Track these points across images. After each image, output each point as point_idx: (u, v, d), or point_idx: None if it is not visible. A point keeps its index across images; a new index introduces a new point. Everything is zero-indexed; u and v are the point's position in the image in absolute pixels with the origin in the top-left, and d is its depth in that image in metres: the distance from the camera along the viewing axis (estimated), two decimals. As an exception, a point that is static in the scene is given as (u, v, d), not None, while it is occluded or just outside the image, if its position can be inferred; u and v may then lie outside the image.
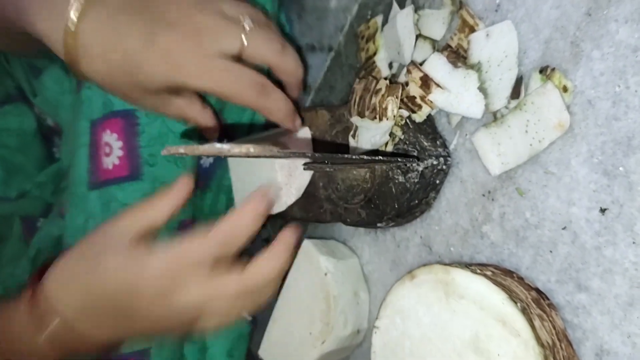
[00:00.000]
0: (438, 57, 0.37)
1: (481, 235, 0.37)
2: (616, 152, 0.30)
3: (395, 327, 0.36)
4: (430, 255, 0.40)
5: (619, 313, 0.30)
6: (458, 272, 0.33)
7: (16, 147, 0.54)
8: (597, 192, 0.30)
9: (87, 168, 0.45)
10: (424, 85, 0.37)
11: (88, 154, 0.45)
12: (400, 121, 0.38)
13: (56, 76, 0.51)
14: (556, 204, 0.32)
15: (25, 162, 0.54)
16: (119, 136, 0.44)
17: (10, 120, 0.54)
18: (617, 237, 0.30)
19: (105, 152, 0.44)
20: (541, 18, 0.33)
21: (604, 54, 0.30)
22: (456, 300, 0.33)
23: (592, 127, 0.31)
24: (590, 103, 0.31)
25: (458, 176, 0.38)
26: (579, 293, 0.31)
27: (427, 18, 0.40)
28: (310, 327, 0.44)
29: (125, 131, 0.44)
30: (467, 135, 0.37)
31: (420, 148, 0.37)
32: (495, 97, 0.35)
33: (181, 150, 0.27)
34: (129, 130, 0.44)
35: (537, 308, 0.31)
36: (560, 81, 0.32)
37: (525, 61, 0.34)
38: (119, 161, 0.44)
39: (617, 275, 0.30)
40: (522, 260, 0.34)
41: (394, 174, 0.38)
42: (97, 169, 0.45)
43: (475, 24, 0.36)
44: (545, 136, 0.32)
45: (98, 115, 0.45)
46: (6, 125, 0.54)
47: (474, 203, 0.37)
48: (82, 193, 0.45)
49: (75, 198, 0.46)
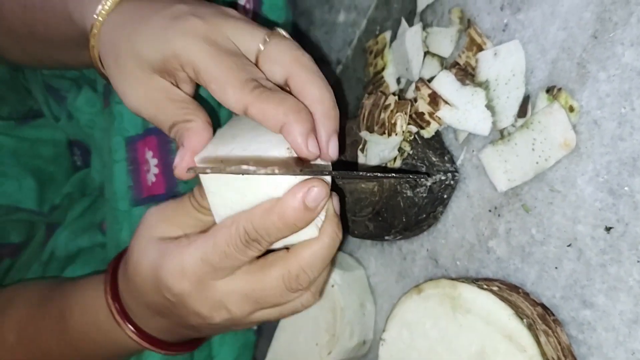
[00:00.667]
0: (446, 74, 0.38)
1: (487, 250, 0.37)
2: (621, 171, 0.30)
3: (402, 340, 0.36)
4: (436, 269, 0.41)
5: (624, 330, 0.30)
6: (465, 287, 0.33)
7: (50, 157, 0.55)
8: (603, 210, 0.31)
9: (128, 184, 0.46)
10: (432, 102, 0.38)
11: (126, 169, 0.45)
12: (409, 137, 0.39)
13: (88, 98, 0.52)
14: (562, 221, 0.33)
15: (58, 171, 0.55)
16: (154, 154, 0.45)
17: (44, 131, 0.55)
18: (622, 255, 0.30)
19: (146, 169, 0.45)
20: (548, 39, 0.34)
21: (610, 76, 0.31)
22: (463, 315, 0.33)
23: (598, 147, 0.31)
24: (596, 123, 0.31)
25: (465, 191, 0.39)
26: (584, 309, 0.32)
27: (435, 36, 0.41)
28: (317, 337, 0.45)
29: (159, 149, 0.44)
30: (474, 152, 0.38)
31: (429, 163, 0.38)
32: (503, 115, 0.36)
33: (207, 170, 0.27)
34: (163, 147, 0.44)
35: (543, 324, 0.32)
36: (566, 101, 0.33)
37: (532, 80, 0.35)
38: (155, 179, 0.45)
39: (622, 292, 0.30)
40: (527, 276, 0.35)
41: (402, 188, 0.39)
42: (141, 185, 0.45)
43: (483, 42, 0.37)
44: (552, 154, 0.33)
45: (138, 132, 0.45)
46: (40, 136, 0.55)
47: (481, 218, 0.38)
48: (125, 209, 0.46)
49: (117, 213, 0.46)
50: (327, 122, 0.33)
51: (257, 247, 0.32)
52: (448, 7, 0.40)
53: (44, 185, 0.54)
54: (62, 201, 0.55)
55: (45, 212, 0.54)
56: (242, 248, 0.32)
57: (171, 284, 0.33)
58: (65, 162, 0.56)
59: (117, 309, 0.39)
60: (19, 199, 0.53)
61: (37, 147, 0.54)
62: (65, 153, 0.56)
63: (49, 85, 0.54)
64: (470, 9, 0.39)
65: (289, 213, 0.30)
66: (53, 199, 0.55)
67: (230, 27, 0.34)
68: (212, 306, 0.34)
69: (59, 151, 0.56)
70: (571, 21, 0.33)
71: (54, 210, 0.55)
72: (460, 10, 0.39)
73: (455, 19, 0.40)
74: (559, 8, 0.33)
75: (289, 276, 0.33)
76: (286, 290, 0.33)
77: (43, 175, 0.54)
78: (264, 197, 0.32)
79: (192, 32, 0.33)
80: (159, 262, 0.34)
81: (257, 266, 0.34)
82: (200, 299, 0.33)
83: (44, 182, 0.54)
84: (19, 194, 0.53)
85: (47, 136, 0.55)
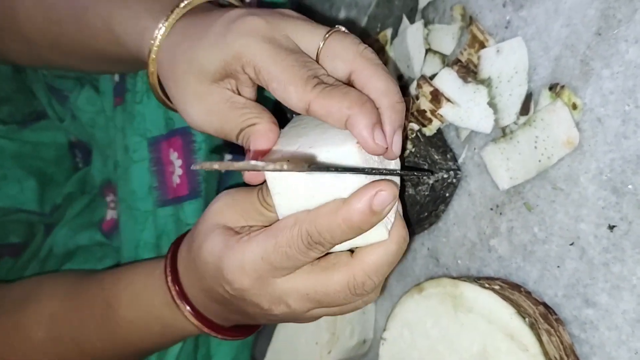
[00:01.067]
0: (448, 72, 0.37)
1: (489, 248, 0.37)
2: (625, 170, 0.30)
3: (403, 339, 0.36)
4: (437, 267, 0.41)
5: (627, 329, 0.30)
6: (466, 285, 0.33)
7: (51, 159, 0.55)
8: (606, 209, 0.31)
9: (152, 185, 0.45)
10: (434, 99, 0.38)
11: (149, 170, 0.45)
12: (411, 134, 0.39)
13: (89, 97, 0.52)
14: (564, 220, 0.33)
15: (58, 172, 0.55)
16: (179, 154, 0.45)
17: (46, 134, 0.55)
18: (625, 254, 0.30)
19: (171, 170, 0.45)
20: (551, 36, 0.34)
21: (614, 73, 0.30)
22: (464, 314, 0.33)
23: (602, 145, 0.31)
24: (599, 121, 0.31)
25: (466, 190, 0.38)
26: (587, 308, 0.32)
27: (436, 33, 0.40)
28: (317, 336, 0.44)
29: (184, 149, 0.44)
30: (476, 150, 0.38)
31: (431, 161, 0.38)
32: (505, 112, 0.35)
33: (215, 166, 0.27)
34: (187, 148, 0.44)
35: (545, 323, 0.32)
36: (569, 98, 0.32)
37: (535, 78, 0.34)
38: (179, 180, 0.45)
39: (625, 291, 0.30)
40: (529, 275, 0.35)
41: (404, 186, 0.39)
42: (166, 186, 0.45)
43: (485, 39, 0.37)
44: (554, 152, 0.33)
45: (162, 132, 0.45)
46: (41, 139, 0.55)
47: (482, 217, 0.37)
48: (149, 209, 0.45)
49: (137, 213, 0.46)
50: (393, 115, 0.31)
51: (319, 249, 0.31)
52: (450, 4, 0.40)
53: (45, 186, 0.54)
54: (63, 201, 0.55)
55: (47, 213, 0.54)
56: (304, 250, 0.31)
57: (231, 279, 0.33)
58: (66, 164, 0.56)
59: (177, 291, 0.38)
60: (20, 200, 0.53)
61: (38, 150, 0.54)
62: (67, 155, 0.56)
63: (52, 86, 0.54)
64: (472, 6, 0.38)
65: (354, 216, 0.29)
66: (54, 200, 0.54)
67: (290, 25, 0.34)
68: (271, 300, 0.33)
69: (61, 153, 0.56)
70: (575, 18, 0.32)
71: (55, 210, 0.55)
72: (462, 7, 0.39)
73: (457, 16, 0.39)
74: (563, 5, 0.33)
75: (354, 283, 0.32)
76: (350, 295, 0.32)
77: (44, 177, 0.54)
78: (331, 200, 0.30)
79: (251, 32, 0.33)
80: (221, 254, 0.33)
81: (319, 268, 0.33)
82: (260, 294, 0.33)
83: (45, 184, 0.54)
84: (21, 195, 0.53)
85: (48, 139, 0.55)
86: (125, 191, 0.46)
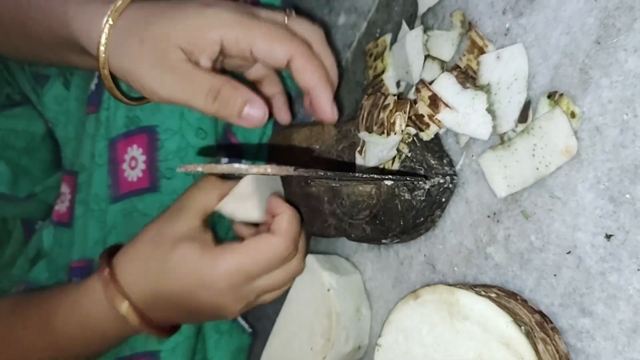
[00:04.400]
0: (447, 76, 0.37)
1: (485, 256, 0.37)
2: (623, 179, 0.30)
3: (398, 346, 0.36)
4: (433, 274, 0.41)
5: (623, 339, 0.30)
6: (463, 293, 0.33)
7: (23, 149, 0.55)
8: (603, 218, 0.31)
9: (107, 184, 0.47)
10: (432, 104, 0.38)
11: (107, 171, 0.47)
12: (408, 138, 0.38)
13: (57, 96, 0.52)
14: (561, 228, 0.33)
15: (31, 165, 0.55)
16: (143, 150, 0.46)
17: (18, 122, 0.55)
18: (622, 264, 0.30)
19: (131, 166, 0.46)
20: (550, 44, 0.34)
21: (613, 82, 0.30)
22: (460, 321, 0.33)
23: (600, 154, 0.31)
24: (597, 130, 0.31)
25: (463, 196, 0.38)
26: (583, 317, 0.32)
27: (436, 39, 0.40)
28: (312, 342, 0.44)
29: (148, 146, 0.46)
30: (474, 157, 0.37)
31: (427, 166, 0.38)
32: (503, 119, 0.35)
33: (199, 169, 0.27)
34: (151, 145, 0.46)
35: (541, 331, 0.32)
36: (568, 107, 0.32)
37: (534, 86, 0.34)
38: (142, 174, 0.46)
39: (622, 301, 0.30)
40: (525, 283, 0.34)
41: (400, 191, 0.39)
42: (118, 182, 0.46)
43: (484, 45, 0.37)
44: (552, 161, 0.33)
45: (120, 132, 0.46)
46: (14, 126, 0.55)
47: (479, 224, 0.37)
48: (102, 208, 0.47)
49: (95, 213, 0.47)
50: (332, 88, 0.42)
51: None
52: (449, 10, 0.40)
53: (17, 175, 0.54)
54: (43, 192, 0.54)
55: (21, 198, 0.54)
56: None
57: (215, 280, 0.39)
58: (42, 156, 0.56)
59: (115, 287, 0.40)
60: None
61: (9, 138, 0.54)
62: (43, 147, 0.56)
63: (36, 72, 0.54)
64: (472, 12, 0.38)
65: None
66: (30, 188, 0.54)
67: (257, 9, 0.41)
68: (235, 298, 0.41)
69: (34, 144, 0.56)
70: (574, 26, 0.32)
71: (30, 197, 0.54)
72: (462, 13, 0.39)
73: (457, 22, 0.39)
74: (562, 13, 0.33)
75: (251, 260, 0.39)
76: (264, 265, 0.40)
77: (16, 167, 0.54)
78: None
79: (226, 7, 0.38)
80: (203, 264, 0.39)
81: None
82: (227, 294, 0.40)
83: (18, 173, 0.54)
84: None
85: (21, 127, 0.55)
86: (87, 194, 0.48)
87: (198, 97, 0.36)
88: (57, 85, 0.52)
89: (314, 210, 0.45)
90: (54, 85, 0.52)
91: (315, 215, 0.45)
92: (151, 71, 0.37)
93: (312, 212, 0.46)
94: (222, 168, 0.26)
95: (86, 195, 0.48)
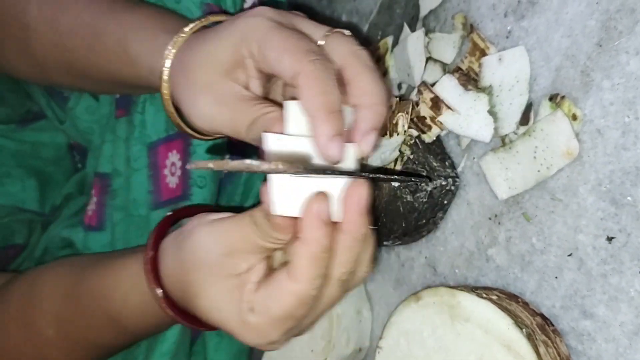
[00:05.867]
0: (449, 78, 0.37)
1: (487, 258, 0.37)
2: (624, 181, 0.30)
3: (399, 348, 0.36)
4: (434, 276, 0.41)
5: (624, 341, 0.30)
6: (464, 295, 0.33)
7: (50, 159, 0.55)
8: (605, 220, 0.31)
9: (148, 189, 0.46)
10: (434, 106, 0.38)
11: (147, 175, 0.46)
12: (410, 140, 0.39)
13: (88, 107, 0.52)
14: (563, 231, 0.33)
15: (58, 173, 0.56)
16: (180, 156, 0.45)
17: (45, 135, 0.55)
18: (623, 266, 0.30)
19: (171, 172, 0.45)
20: (552, 46, 0.34)
21: (614, 84, 0.30)
22: (461, 324, 0.33)
23: (601, 156, 0.31)
24: (599, 132, 0.31)
25: (465, 198, 0.38)
26: (584, 320, 0.32)
27: (437, 41, 0.40)
28: (312, 344, 0.44)
29: (183, 151, 0.45)
30: (475, 159, 0.38)
31: (429, 168, 0.38)
32: (505, 121, 0.35)
33: (209, 165, 0.27)
34: (185, 150, 0.45)
35: (542, 334, 0.32)
36: (569, 109, 0.32)
37: (535, 88, 0.34)
38: (178, 180, 0.45)
39: (623, 303, 0.30)
40: (527, 285, 0.34)
41: (402, 193, 0.39)
42: (160, 188, 0.45)
43: (486, 47, 0.37)
44: (554, 163, 0.33)
45: (160, 136, 0.45)
46: (40, 139, 0.55)
47: (480, 226, 0.37)
48: (143, 214, 0.46)
49: (134, 219, 0.46)
50: (369, 115, 0.32)
51: None
52: (451, 12, 0.40)
53: (45, 186, 0.54)
54: (62, 202, 0.55)
55: (46, 213, 0.54)
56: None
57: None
58: (65, 164, 0.56)
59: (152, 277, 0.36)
60: (22, 199, 0.53)
61: (38, 150, 0.55)
62: (66, 155, 0.57)
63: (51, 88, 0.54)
64: (474, 15, 0.38)
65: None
66: (54, 200, 0.55)
67: (296, 18, 0.35)
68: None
69: (60, 154, 0.56)
70: (576, 29, 0.32)
71: (54, 211, 0.55)
72: (464, 16, 0.39)
73: (459, 25, 0.39)
74: (564, 15, 0.33)
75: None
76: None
77: (44, 177, 0.54)
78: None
79: (258, 14, 0.34)
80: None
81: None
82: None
83: (45, 183, 0.54)
84: (23, 194, 0.53)
85: (47, 139, 0.55)
86: (126, 200, 0.47)
87: (241, 128, 0.34)
88: (85, 96, 0.52)
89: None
90: (83, 96, 0.52)
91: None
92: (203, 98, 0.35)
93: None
94: (234, 165, 0.26)
95: (125, 201, 0.47)
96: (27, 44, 0.45)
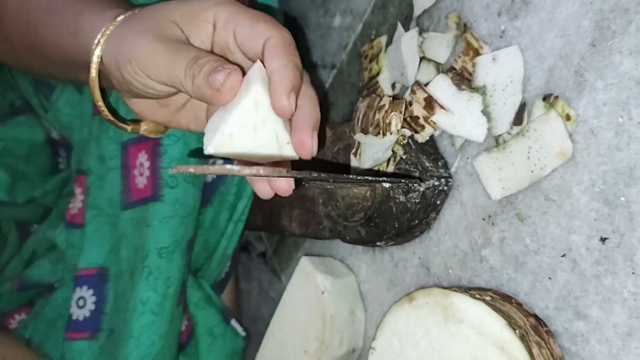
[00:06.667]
0: (443, 78, 0.37)
1: (480, 259, 0.37)
2: (618, 182, 0.30)
3: (392, 349, 0.35)
4: (428, 277, 0.40)
5: (618, 342, 0.30)
6: (457, 296, 0.33)
7: (23, 156, 0.54)
8: (598, 220, 0.31)
9: (120, 189, 0.46)
10: (427, 106, 0.37)
11: (120, 175, 0.45)
12: (403, 140, 0.38)
13: (70, 100, 0.51)
14: (556, 231, 0.33)
15: (30, 170, 0.55)
16: (148, 156, 0.45)
17: (21, 130, 0.55)
18: (616, 267, 0.30)
19: (140, 172, 0.45)
20: (546, 46, 0.33)
21: (608, 85, 0.30)
22: (455, 325, 0.32)
23: (594, 157, 0.31)
24: (592, 132, 0.31)
25: (458, 199, 0.38)
26: (578, 321, 0.31)
27: (431, 41, 0.40)
28: (306, 345, 0.44)
29: (152, 151, 0.44)
30: (469, 159, 0.37)
31: (422, 168, 0.38)
32: (499, 121, 0.35)
33: (190, 170, 0.27)
34: (155, 150, 0.44)
35: (535, 335, 0.31)
36: (563, 109, 0.32)
37: (529, 88, 0.34)
38: (146, 181, 0.45)
39: (616, 304, 0.30)
40: (520, 286, 0.34)
41: (395, 193, 0.38)
42: (130, 189, 0.45)
43: (480, 46, 0.37)
44: (547, 163, 0.33)
45: (131, 136, 0.45)
46: (17, 135, 0.54)
47: (474, 226, 0.37)
48: (115, 214, 0.46)
49: (110, 218, 0.46)
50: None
51: None
52: (445, 12, 0.40)
53: (16, 181, 0.53)
54: (41, 197, 0.54)
55: (20, 203, 0.53)
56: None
57: None
58: (41, 161, 0.55)
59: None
60: None
61: (11, 146, 0.54)
62: (43, 152, 0.56)
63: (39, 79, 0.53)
64: (467, 14, 0.38)
65: None
66: (29, 192, 0.54)
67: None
68: None
69: (35, 151, 0.55)
70: (569, 29, 0.32)
71: (29, 202, 0.54)
72: (457, 15, 0.39)
73: (452, 24, 0.39)
74: (557, 15, 0.33)
75: None
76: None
77: (15, 173, 0.53)
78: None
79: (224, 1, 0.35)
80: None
81: None
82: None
83: (16, 179, 0.53)
84: None
85: (24, 135, 0.55)
86: (100, 198, 0.47)
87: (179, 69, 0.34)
88: (69, 89, 0.52)
89: (308, 212, 0.45)
90: (66, 89, 0.52)
91: (310, 217, 0.45)
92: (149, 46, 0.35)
93: (307, 214, 0.45)
94: (215, 169, 0.26)
95: (98, 199, 0.47)
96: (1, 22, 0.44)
